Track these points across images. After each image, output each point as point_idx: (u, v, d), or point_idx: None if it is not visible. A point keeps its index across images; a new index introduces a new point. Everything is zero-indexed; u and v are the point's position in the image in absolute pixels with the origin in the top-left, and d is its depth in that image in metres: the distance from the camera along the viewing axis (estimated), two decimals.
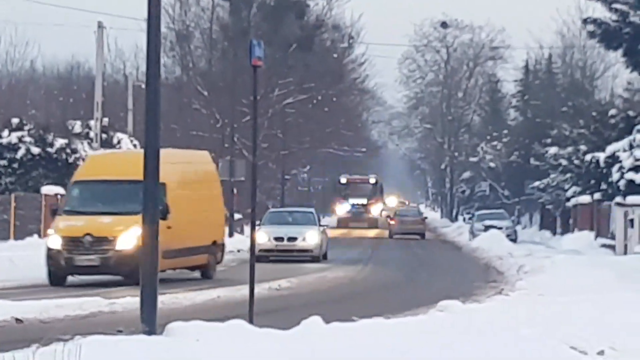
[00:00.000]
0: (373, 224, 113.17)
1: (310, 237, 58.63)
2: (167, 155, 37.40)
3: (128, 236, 42.53)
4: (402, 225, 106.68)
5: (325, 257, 60.99)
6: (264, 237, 58.62)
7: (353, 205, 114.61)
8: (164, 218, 37.55)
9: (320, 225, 61.25)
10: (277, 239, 59.66)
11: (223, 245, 49.33)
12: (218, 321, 21.07)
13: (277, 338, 19.61)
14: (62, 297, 31.40)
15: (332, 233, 78.94)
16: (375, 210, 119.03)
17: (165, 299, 25.33)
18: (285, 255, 57.95)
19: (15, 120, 74.27)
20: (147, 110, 23.78)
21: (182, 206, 45.48)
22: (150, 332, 21.15)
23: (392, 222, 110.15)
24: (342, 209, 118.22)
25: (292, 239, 59.96)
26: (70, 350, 16.39)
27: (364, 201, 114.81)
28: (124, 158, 55.78)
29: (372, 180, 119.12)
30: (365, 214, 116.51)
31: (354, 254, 60.99)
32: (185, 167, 48.03)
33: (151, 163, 23.45)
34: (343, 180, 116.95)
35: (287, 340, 19.47)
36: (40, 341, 17.61)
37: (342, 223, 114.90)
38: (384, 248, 73.62)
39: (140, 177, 22.37)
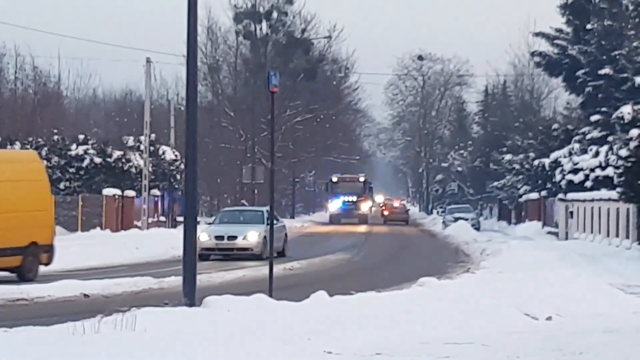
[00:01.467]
0: (363, 219, 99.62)
1: (250, 236, 50.94)
2: None
3: None
4: (392, 215, 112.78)
5: (282, 254, 50.20)
6: (204, 236, 50.65)
7: (344, 202, 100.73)
8: None
9: (268, 224, 56.71)
10: (217, 237, 51.86)
11: (49, 246, 39.14)
12: (244, 295, 21.46)
13: (291, 308, 20.08)
14: (120, 277, 31.52)
15: (324, 229, 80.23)
16: (365, 207, 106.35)
17: (202, 278, 25.64)
18: (226, 254, 51.34)
19: (81, 137, 74.19)
20: (186, 127, 24.40)
21: None
22: (191, 304, 21.64)
23: (385, 213, 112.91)
24: (333, 205, 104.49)
25: (232, 237, 52.18)
26: (127, 320, 16.92)
27: (354, 198, 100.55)
28: None
29: (362, 179, 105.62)
30: (355, 210, 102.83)
31: (350, 241, 59.73)
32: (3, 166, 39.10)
33: (190, 169, 24.05)
34: (334, 179, 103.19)
35: (300, 309, 19.95)
36: (104, 312, 17.99)
37: (334, 219, 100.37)
38: (374, 236, 72.85)
39: None
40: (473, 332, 18.42)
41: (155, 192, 69.46)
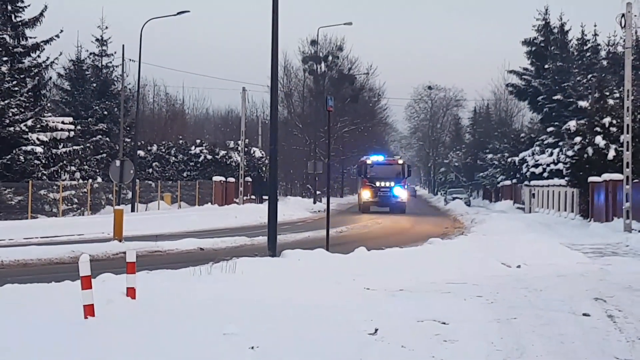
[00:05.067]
0: (400, 209, 60.79)
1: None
2: None
3: None
4: None
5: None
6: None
7: (380, 188, 61.35)
8: None
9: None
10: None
11: None
12: (309, 249, 21.46)
13: (341, 258, 20.09)
14: (225, 237, 31.60)
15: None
16: (404, 194, 63.66)
17: (280, 238, 25.59)
18: None
19: (198, 141, 74.46)
20: (270, 135, 24.43)
21: None
22: (273, 255, 21.73)
23: None
24: (366, 192, 62.35)
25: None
26: (230, 265, 17.04)
27: (391, 184, 61.60)
28: None
29: (400, 161, 66.47)
30: (392, 198, 61.97)
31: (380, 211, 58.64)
32: None
33: (273, 164, 24.06)
34: (369, 161, 64.36)
35: (347, 259, 19.97)
36: (214, 260, 18.08)
37: (364, 208, 61.82)
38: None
39: None
40: (466, 276, 18.38)
41: (248, 179, 69.54)
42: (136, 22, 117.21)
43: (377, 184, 60.15)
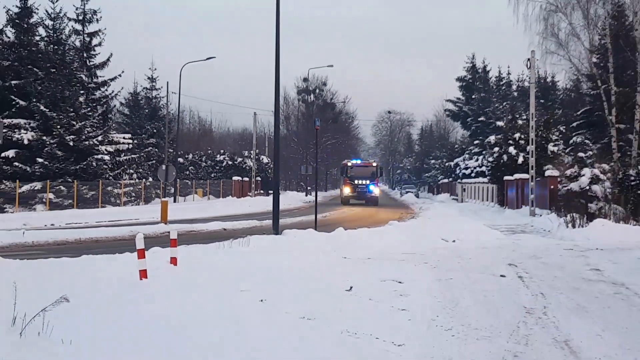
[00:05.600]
0: (374, 202, 58.55)
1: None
2: None
3: None
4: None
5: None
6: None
7: (357, 185, 58.99)
8: None
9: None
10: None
11: None
12: (303, 229, 21.42)
13: (326, 235, 20.01)
14: (241, 220, 31.59)
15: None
16: (377, 190, 61.33)
17: (281, 221, 25.52)
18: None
19: (221, 151, 74.49)
20: (274, 146, 24.33)
21: None
22: (276, 233, 21.67)
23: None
24: (346, 189, 59.66)
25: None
26: (245, 241, 17.03)
27: (367, 182, 59.37)
28: None
29: (375, 164, 63.27)
30: (367, 193, 59.56)
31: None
32: None
33: (276, 167, 23.97)
34: (349, 163, 61.58)
35: (329, 237, 19.89)
36: (233, 237, 18.04)
37: (344, 200, 58.64)
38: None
39: None
40: (416, 248, 18.38)
41: (258, 178, 69.48)
42: (177, 64, 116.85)
43: (356, 181, 56.71)
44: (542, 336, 8.39)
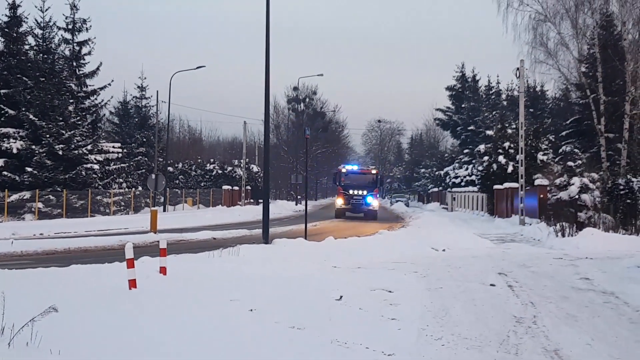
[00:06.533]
0: (372, 216, 47.23)
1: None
2: None
3: None
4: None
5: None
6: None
7: (353, 196, 47.81)
8: None
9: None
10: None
11: None
12: (293, 238, 21.43)
13: (316, 245, 20.07)
14: (231, 229, 31.53)
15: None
16: (375, 202, 48.56)
17: (271, 230, 25.52)
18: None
19: (211, 160, 74.49)
20: (264, 155, 24.35)
21: None
22: (266, 242, 21.67)
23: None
24: (340, 200, 48.54)
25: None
26: (234, 250, 17.01)
27: (364, 192, 47.98)
28: None
29: (374, 171, 51.99)
30: (364, 205, 47.87)
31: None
32: None
33: (266, 176, 23.94)
34: (344, 169, 50.35)
35: (320, 245, 19.95)
36: (223, 247, 18.03)
37: (339, 213, 47.93)
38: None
39: None
40: (406, 257, 18.40)
41: (248, 187, 69.36)
42: (166, 73, 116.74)
43: (351, 191, 46.78)
44: (532, 345, 8.40)
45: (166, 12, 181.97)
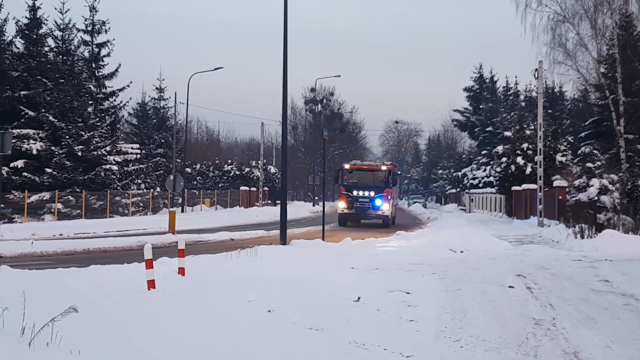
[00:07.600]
0: (384, 221, 37.85)
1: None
2: None
3: None
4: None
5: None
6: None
7: (357, 198, 37.29)
8: None
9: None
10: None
11: None
12: (310, 239, 21.44)
13: (333, 246, 20.08)
14: (249, 230, 31.60)
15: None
16: (386, 205, 37.33)
17: (289, 231, 25.52)
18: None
19: (229, 161, 74.76)
20: (281, 156, 24.35)
21: None
22: (284, 244, 21.68)
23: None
24: (342, 202, 38.06)
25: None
26: (253, 251, 17.02)
27: (371, 193, 37.12)
28: None
29: (384, 167, 39.36)
30: (373, 210, 37.29)
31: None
32: None
33: (284, 178, 23.94)
34: (347, 166, 39.59)
35: (337, 247, 19.95)
36: (241, 247, 18.05)
37: (342, 220, 38.44)
38: None
39: None
40: (424, 258, 18.33)
41: (265, 188, 69.58)
42: (184, 74, 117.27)
43: (355, 192, 37.97)
44: (551, 348, 8.34)
45: (184, 14, 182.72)
